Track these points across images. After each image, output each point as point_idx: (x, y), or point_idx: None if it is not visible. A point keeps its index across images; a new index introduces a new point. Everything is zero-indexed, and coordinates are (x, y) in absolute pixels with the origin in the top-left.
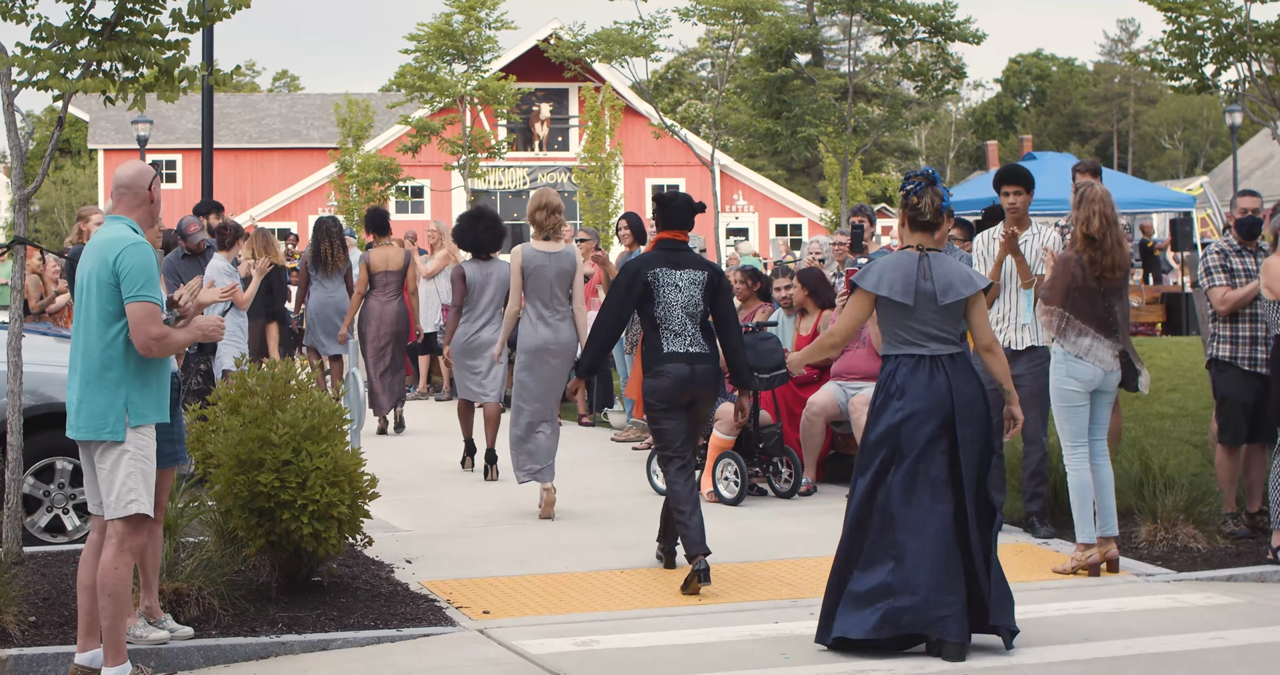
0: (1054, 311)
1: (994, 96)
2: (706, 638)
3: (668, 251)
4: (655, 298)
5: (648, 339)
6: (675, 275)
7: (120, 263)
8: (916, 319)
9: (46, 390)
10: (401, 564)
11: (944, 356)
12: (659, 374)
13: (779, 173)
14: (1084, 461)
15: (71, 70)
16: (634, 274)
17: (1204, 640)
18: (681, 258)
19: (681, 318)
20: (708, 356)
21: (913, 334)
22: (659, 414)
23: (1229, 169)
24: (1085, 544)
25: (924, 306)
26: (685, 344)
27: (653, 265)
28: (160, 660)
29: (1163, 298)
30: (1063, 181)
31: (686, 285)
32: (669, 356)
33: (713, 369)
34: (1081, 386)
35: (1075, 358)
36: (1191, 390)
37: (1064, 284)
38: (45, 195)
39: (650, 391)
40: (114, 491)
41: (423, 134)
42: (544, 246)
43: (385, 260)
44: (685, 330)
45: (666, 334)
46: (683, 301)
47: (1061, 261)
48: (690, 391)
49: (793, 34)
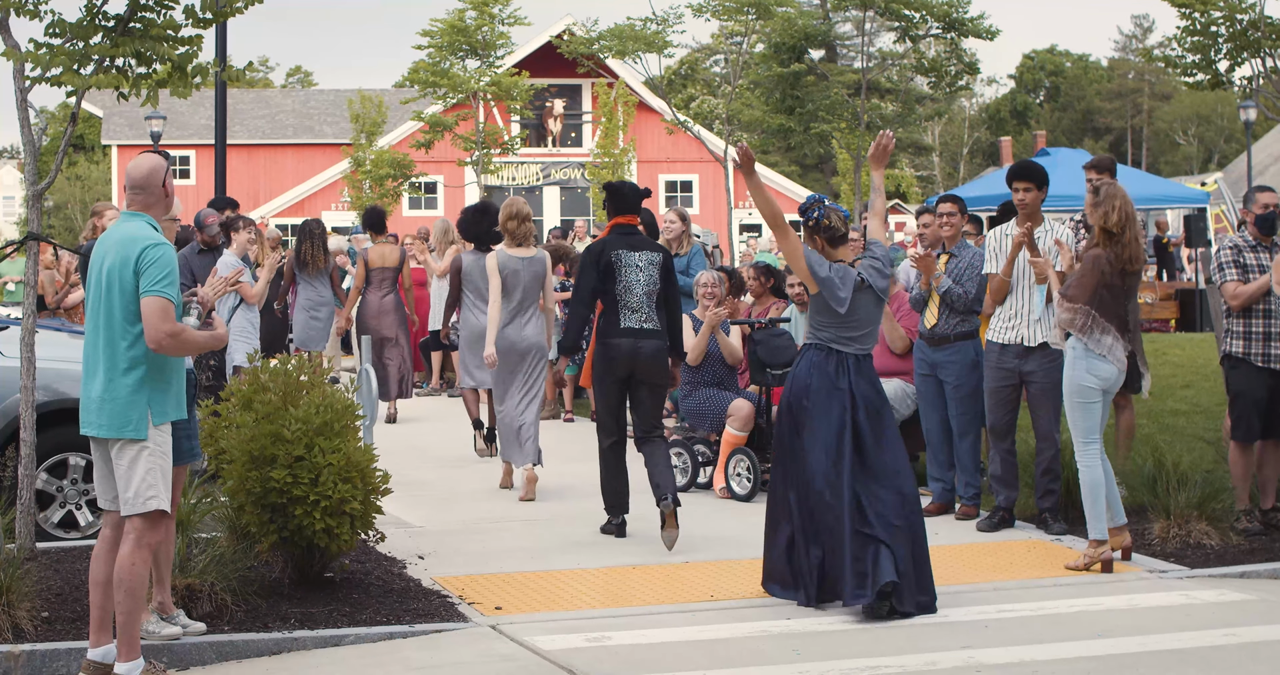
0: (1080, 309)
1: (1008, 92)
2: (719, 634)
3: (623, 235)
4: (617, 277)
5: (606, 315)
6: (634, 257)
7: (141, 261)
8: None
9: (59, 386)
10: (414, 560)
11: (856, 356)
12: (607, 346)
13: (792, 169)
14: (1097, 458)
15: (85, 66)
16: (597, 256)
17: (1217, 637)
18: (636, 240)
19: (640, 296)
20: (657, 333)
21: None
22: (601, 385)
23: (1243, 165)
24: (1098, 540)
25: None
26: (640, 320)
27: (613, 248)
28: (173, 656)
29: (1176, 294)
30: (1076, 178)
31: (645, 266)
32: (622, 331)
33: (659, 345)
34: (1099, 384)
35: (1098, 356)
36: (1205, 386)
37: (1093, 281)
38: (59, 191)
39: (596, 361)
40: (132, 487)
41: (436, 130)
42: (517, 252)
43: (382, 257)
44: (642, 307)
45: (624, 311)
46: (642, 281)
47: (1090, 259)
48: (631, 364)
49: (806, 30)
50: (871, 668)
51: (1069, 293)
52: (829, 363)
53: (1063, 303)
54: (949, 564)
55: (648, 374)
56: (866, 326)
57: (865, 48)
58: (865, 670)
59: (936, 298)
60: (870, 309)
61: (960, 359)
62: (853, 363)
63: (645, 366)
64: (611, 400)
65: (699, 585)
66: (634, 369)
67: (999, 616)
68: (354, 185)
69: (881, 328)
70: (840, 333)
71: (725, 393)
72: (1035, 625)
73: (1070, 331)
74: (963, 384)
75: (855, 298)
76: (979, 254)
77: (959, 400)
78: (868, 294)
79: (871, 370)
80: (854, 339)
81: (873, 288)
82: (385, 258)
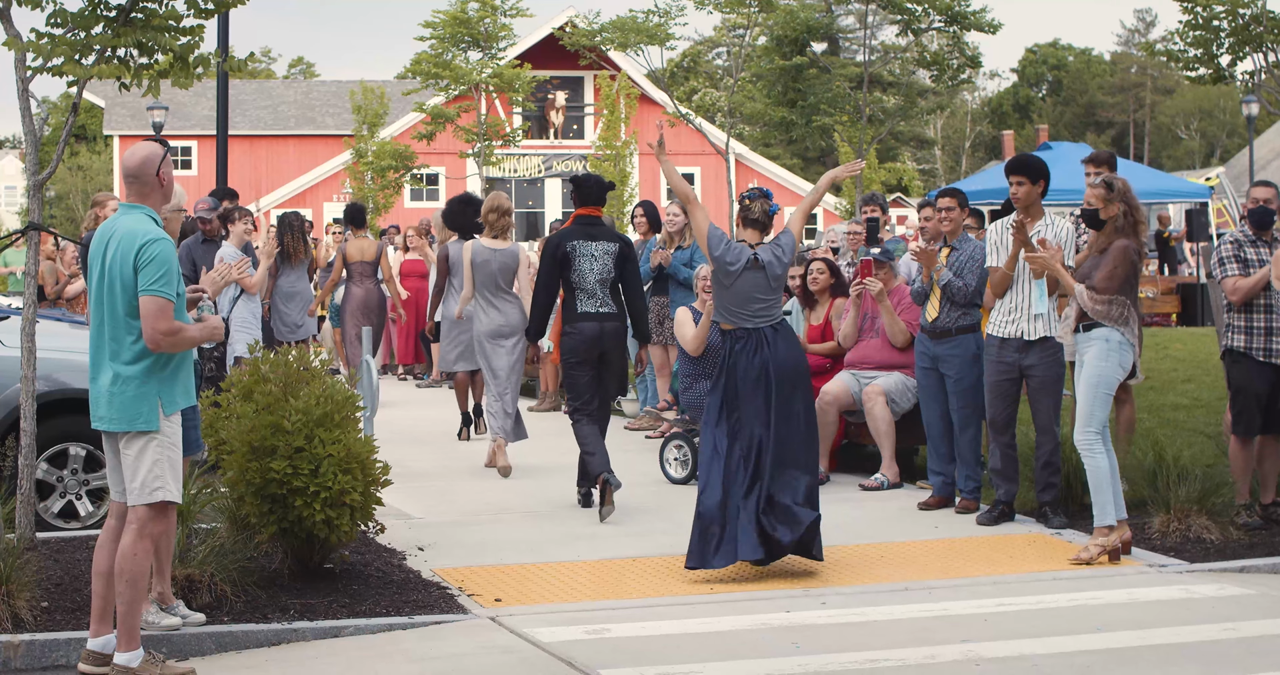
0: (1117, 299)
1: (1010, 86)
2: (718, 626)
3: (585, 226)
4: (573, 266)
5: (566, 301)
6: (591, 247)
7: (141, 257)
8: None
9: (60, 376)
10: (414, 551)
11: (766, 329)
12: (571, 332)
13: (794, 162)
14: (1107, 446)
15: (86, 56)
16: (555, 247)
17: (1216, 631)
18: (596, 231)
19: (594, 283)
20: (615, 316)
21: (732, 308)
22: (571, 367)
23: (1245, 159)
24: (1109, 526)
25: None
26: (596, 305)
27: (571, 238)
28: (172, 646)
29: (1178, 288)
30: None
31: (601, 255)
32: (582, 316)
33: (619, 327)
34: (1124, 374)
35: (1130, 345)
36: (1206, 381)
37: (1124, 272)
38: (60, 181)
39: (565, 346)
40: (139, 478)
41: (438, 121)
42: (491, 244)
43: (361, 251)
44: (597, 293)
45: (581, 296)
46: (597, 269)
47: (1120, 251)
48: (599, 346)
49: (808, 23)
50: (871, 661)
51: (1099, 284)
52: (727, 340)
53: (1093, 295)
54: (949, 557)
55: (614, 352)
56: (748, 301)
57: (867, 41)
58: (865, 663)
59: (938, 291)
60: (753, 286)
61: (961, 352)
62: (770, 334)
63: (611, 346)
64: (580, 380)
65: (698, 577)
66: (603, 349)
67: (998, 610)
68: (355, 176)
69: (881, 322)
70: (727, 304)
71: None
72: (1035, 619)
73: (1105, 322)
74: (963, 377)
75: (745, 275)
76: (979, 247)
77: (960, 393)
78: (757, 273)
79: (788, 338)
80: (750, 315)
81: (764, 268)
82: (364, 252)
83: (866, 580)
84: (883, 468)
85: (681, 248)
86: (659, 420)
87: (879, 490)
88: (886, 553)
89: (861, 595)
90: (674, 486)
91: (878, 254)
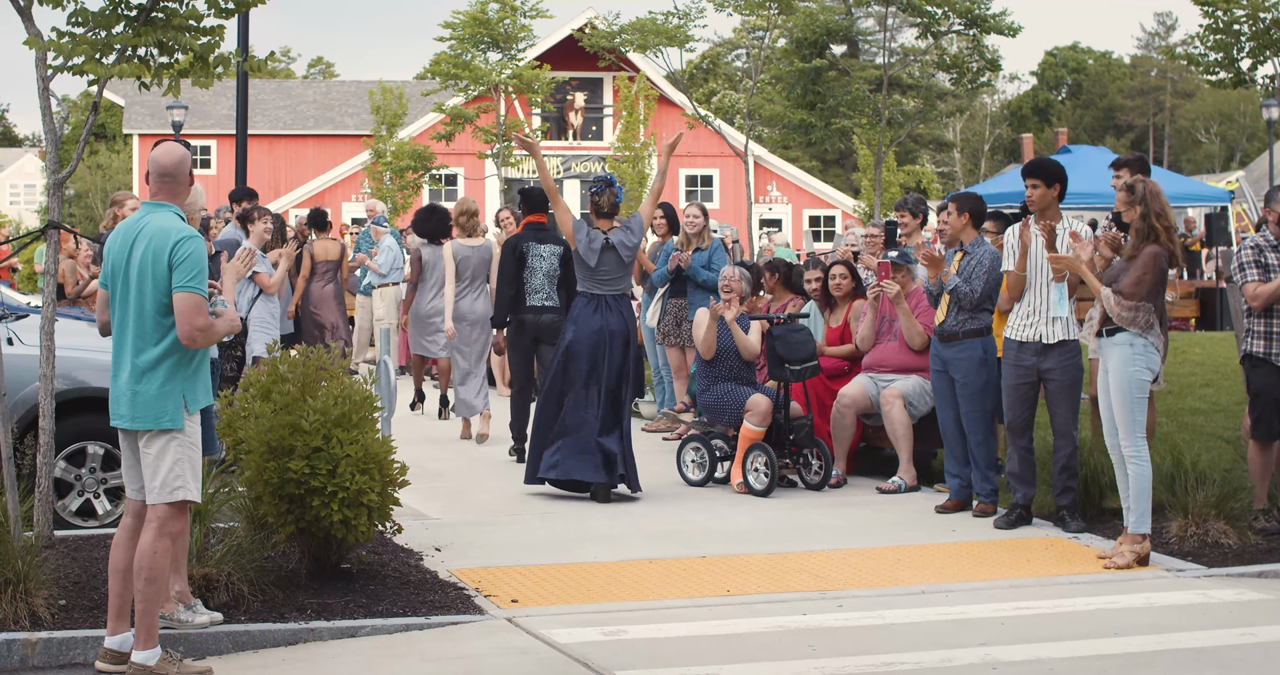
0: (1143, 305)
1: (1030, 89)
2: (735, 629)
3: (535, 230)
4: (526, 264)
5: (516, 294)
6: (541, 248)
7: (175, 255)
8: (596, 273)
9: (79, 374)
10: (430, 552)
11: (609, 296)
12: (516, 321)
13: (813, 164)
14: (1148, 452)
15: (107, 55)
16: (514, 247)
17: (1234, 636)
18: (544, 235)
19: (541, 279)
20: (555, 309)
21: (593, 283)
22: (511, 350)
23: (1265, 164)
24: (1143, 534)
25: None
26: (541, 299)
27: (525, 240)
28: (189, 645)
29: (1197, 293)
30: (1098, 175)
31: (548, 256)
32: (528, 309)
33: (556, 319)
34: (1151, 378)
35: (1155, 349)
36: (1225, 385)
37: (1152, 279)
38: (80, 180)
39: (510, 330)
40: (159, 477)
41: (457, 122)
42: (467, 242)
43: (325, 251)
44: (543, 289)
45: (530, 291)
46: (544, 268)
47: (1150, 256)
48: (534, 333)
49: (828, 25)
50: (887, 664)
51: (1127, 289)
52: (591, 304)
53: (1120, 300)
54: (966, 561)
55: (548, 338)
56: (611, 277)
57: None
58: (881, 666)
59: (947, 295)
60: (614, 265)
61: (968, 356)
62: (612, 301)
63: (545, 333)
64: (520, 359)
65: (715, 580)
66: (537, 335)
67: (1016, 614)
68: (374, 177)
69: (899, 325)
70: (592, 281)
71: (743, 387)
72: (1052, 623)
73: (1131, 328)
74: (970, 382)
75: (602, 256)
76: (991, 252)
77: (967, 398)
78: (612, 253)
79: (624, 307)
80: (604, 284)
81: (616, 249)
82: (328, 252)
83: (884, 583)
84: (900, 470)
85: (700, 249)
86: (676, 422)
87: (896, 493)
88: (904, 556)
89: (878, 598)
90: (691, 488)
91: (896, 257)
